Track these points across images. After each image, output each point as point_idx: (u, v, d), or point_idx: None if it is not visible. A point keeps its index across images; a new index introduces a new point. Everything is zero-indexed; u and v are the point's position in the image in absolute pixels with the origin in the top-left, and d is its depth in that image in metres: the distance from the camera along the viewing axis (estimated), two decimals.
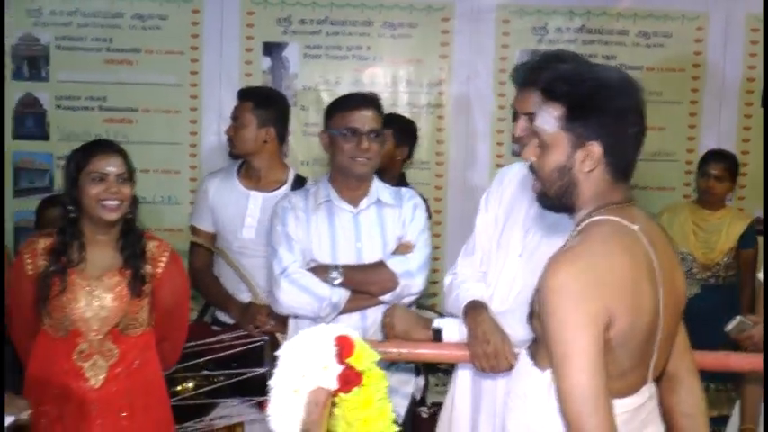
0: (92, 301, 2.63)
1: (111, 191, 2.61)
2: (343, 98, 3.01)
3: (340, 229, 2.93)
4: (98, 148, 2.69)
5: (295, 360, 1.91)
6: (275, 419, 1.91)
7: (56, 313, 2.62)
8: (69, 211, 2.65)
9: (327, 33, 4.52)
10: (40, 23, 4.50)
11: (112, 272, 2.68)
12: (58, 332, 2.64)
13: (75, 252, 2.65)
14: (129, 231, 2.72)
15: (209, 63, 4.52)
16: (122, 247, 2.71)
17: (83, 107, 4.55)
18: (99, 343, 2.64)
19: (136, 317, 2.69)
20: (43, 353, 2.67)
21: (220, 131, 4.47)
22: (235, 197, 3.43)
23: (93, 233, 2.68)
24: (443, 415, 2.69)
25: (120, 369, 2.67)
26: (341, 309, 2.83)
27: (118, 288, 2.66)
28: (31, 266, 2.65)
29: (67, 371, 2.63)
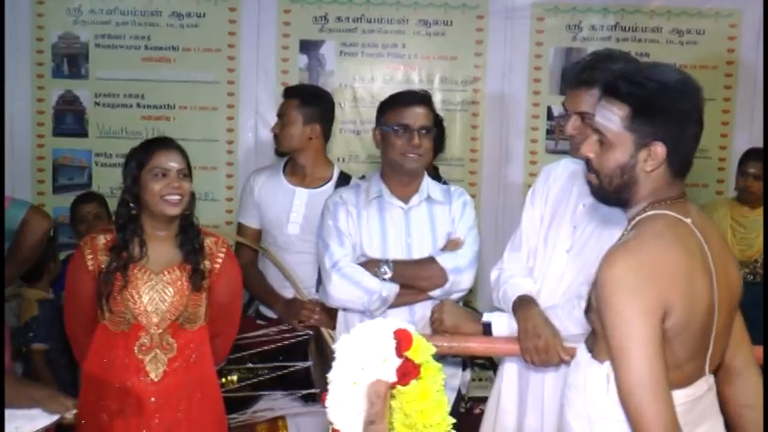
0: (153, 295, 2.68)
1: (173, 186, 2.66)
2: (396, 95, 3.06)
3: (390, 224, 2.98)
4: (159, 145, 2.74)
5: (354, 353, 1.94)
6: (334, 411, 1.94)
7: (117, 308, 2.67)
8: (130, 208, 2.70)
9: (363, 31, 4.56)
10: (79, 22, 4.57)
11: (172, 267, 2.72)
12: (119, 326, 2.69)
13: (136, 247, 2.70)
14: (188, 227, 2.77)
15: (246, 60, 4.56)
16: (182, 243, 2.76)
17: (121, 104, 4.61)
18: (159, 337, 2.69)
19: (195, 311, 2.74)
20: (103, 347, 2.72)
21: (257, 128, 4.55)
22: (281, 193, 3.47)
23: (154, 229, 2.73)
24: (489, 409, 2.72)
25: (179, 363, 2.72)
26: (390, 303, 2.87)
27: (178, 282, 2.71)
28: (92, 262, 2.70)
29: (128, 365, 2.68)
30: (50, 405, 2.32)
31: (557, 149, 4.57)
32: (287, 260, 3.39)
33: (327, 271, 2.91)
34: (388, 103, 3.02)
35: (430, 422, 1.92)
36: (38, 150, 4.61)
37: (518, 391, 2.61)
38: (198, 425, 2.76)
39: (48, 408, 2.31)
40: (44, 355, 3.95)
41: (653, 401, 1.65)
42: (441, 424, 1.91)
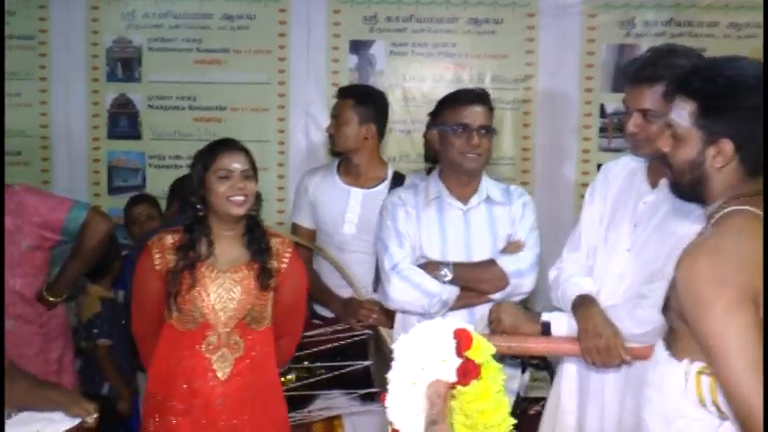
0: (221, 293, 2.71)
1: (237, 187, 2.69)
2: (454, 94, 3.04)
3: (450, 225, 2.96)
4: (223, 147, 2.77)
5: (413, 353, 1.93)
6: (393, 411, 1.93)
7: (186, 307, 2.70)
8: (197, 209, 2.73)
9: (413, 30, 4.54)
10: (133, 26, 4.62)
11: (240, 266, 2.75)
12: (187, 325, 2.72)
13: (203, 247, 2.73)
14: (254, 227, 2.80)
15: (297, 61, 4.57)
16: (248, 243, 2.79)
17: (173, 107, 4.65)
18: (227, 336, 2.71)
19: (262, 311, 2.76)
20: (170, 347, 2.75)
21: (308, 129, 4.56)
22: (335, 193, 3.48)
23: (220, 229, 2.75)
24: (548, 409, 2.70)
25: (245, 363, 2.74)
26: (450, 305, 2.86)
27: (246, 281, 2.73)
28: (160, 262, 2.73)
29: (195, 365, 2.70)
30: (72, 409, 2.35)
31: (610, 147, 4.51)
32: (343, 260, 3.39)
33: (387, 273, 2.90)
34: (447, 101, 3.00)
35: (491, 422, 1.91)
36: (93, 153, 4.67)
37: (578, 391, 2.59)
38: (261, 428, 2.77)
39: (70, 411, 2.34)
40: (108, 351, 4.00)
41: (758, 387, 1.60)
42: (501, 425, 1.90)
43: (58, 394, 2.39)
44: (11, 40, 4.60)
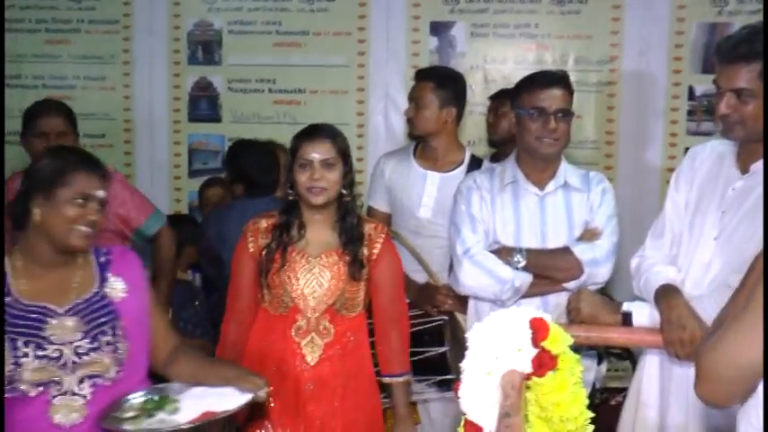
0: (310, 278, 2.71)
1: (314, 177, 2.67)
2: (532, 76, 2.96)
3: (525, 211, 2.90)
4: (305, 136, 2.76)
5: (488, 342, 1.89)
6: (467, 401, 1.90)
7: (276, 289, 2.71)
8: (289, 194, 2.75)
9: (494, 11, 4.46)
10: (213, 9, 4.66)
11: (330, 251, 2.74)
12: (278, 309, 2.73)
13: (295, 230, 2.73)
14: (347, 214, 2.77)
15: (376, 44, 4.55)
16: (341, 230, 2.77)
17: (253, 89, 4.68)
18: (316, 321, 2.70)
19: (353, 297, 2.75)
20: (262, 330, 2.77)
21: (387, 112, 4.53)
22: (412, 177, 3.45)
23: (310, 214, 2.76)
24: (629, 402, 2.62)
25: (335, 349, 2.73)
26: (523, 293, 2.80)
27: (336, 267, 2.72)
28: (253, 245, 2.75)
29: (285, 348, 2.71)
30: (243, 384, 2.32)
31: (699, 131, 4.36)
32: (418, 244, 3.36)
33: (459, 257, 2.86)
34: (524, 84, 2.92)
35: (567, 415, 1.85)
36: (174, 136, 4.75)
37: (660, 384, 2.50)
38: (351, 416, 2.76)
39: (241, 386, 2.31)
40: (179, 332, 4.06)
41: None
42: (578, 417, 1.84)
43: (228, 370, 2.40)
44: (96, 24, 4.73)
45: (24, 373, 2.16)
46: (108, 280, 2.36)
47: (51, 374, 2.19)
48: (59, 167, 2.26)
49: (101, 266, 2.38)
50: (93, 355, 2.24)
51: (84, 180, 2.26)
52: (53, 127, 3.39)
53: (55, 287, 2.28)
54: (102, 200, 2.30)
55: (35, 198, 2.25)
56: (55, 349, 2.20)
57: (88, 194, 2.26)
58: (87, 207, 2.25)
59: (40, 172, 2.28)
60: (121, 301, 2.35)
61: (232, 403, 2.24)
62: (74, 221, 2.23)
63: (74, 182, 2.24)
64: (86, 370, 2.23)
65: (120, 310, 2.33)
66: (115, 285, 2.36)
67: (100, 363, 2.25)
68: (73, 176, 2.25)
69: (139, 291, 2.40)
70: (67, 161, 2.28)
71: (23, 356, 2.16)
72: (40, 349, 2.18)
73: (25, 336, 2.19)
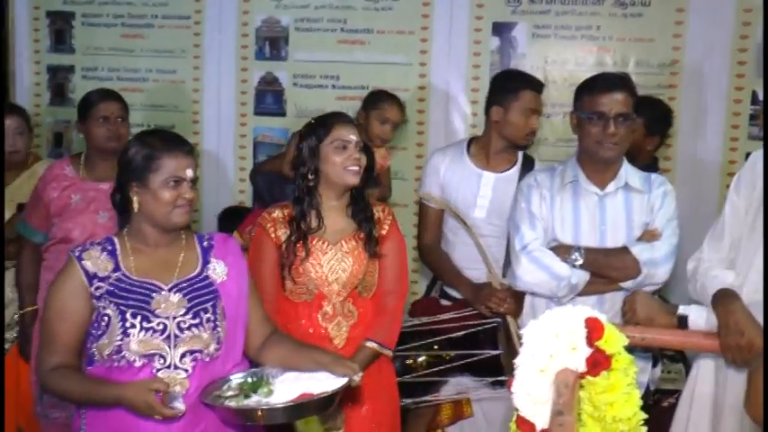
0: (334, 264, 2.77)
1: (354, 157, 2.74)
2: (592, 79, 2.95)
3: (584, 210, 2.89)
4: (338, 119, 2.83)
5: (543, 339, 1.88)
6: (519, 397, 1.89)
7: (300, 278, 2.77)
8: (308, 180, 2.77)
9: (557, 13, 4.42)
10: (281, 6, 4.71)
11: (348, 236, 2.81)
12: (302, 296, 2.79)
13: (313, 219, 2.78)
14: (359, 198, 2.85)
15: (438, 43, 4.54)
16: (354, 213, 2.84)
17: (317, 85, 4.71)
18: (341, 305, 2.78)
19: (372, 278, 2.83)
20: (287, 319, 2.81)
21: (447, 110, 4.53)
22: (467, 176, 3.44)
23: (329, 199, 2.81)
24: (682, 405, 2.60)
25: (359, 330, 2.81)
26: (579, 290, 2.78)
27: (356, 252, 2.79)
28: (274, 235, 2.80)
29: (313, 333, 2.78)
30: (338, 368, 2.35)
31: (761, 135, 4.25)
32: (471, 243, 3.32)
33: (517, 253, 2.87)
34: (585, 87, 2.91)
35: (620, 415, 1.85)
36: (240, 128, 4.81)
37: (714, 388, 2.47)
38: (376, 390, 2.82)
39: (335, 371, 2.34)
40: None
41: None
42: (632, 418, 1.83)
43: (320, 355, 2.43)
44: (169, 19, 4.82)
45: (131, 344, 2.27)
46: (210, 263, 2.46)
47: (156, 347, 2.29)
48: (148, 155, 2.34)
49: (203, 250, 2.48)
50: (194, 330, 2.33)
51: (173, 163, 2.33)
52: (113, 111, 3.47)
53: (160, 266, 2.40)
54: (192, 178, 2.37)
55: (131, 186, 2.35)
56: (159, 322, 2.30)
57: (178, 177, 2.34)
58: (180, 187, 2.34)
59: (132, 161, 2.36)
60: (222, 283, 2.44)
61: (328, 386, 2.27)
62: (170, 203, 2.33)
63: (163, 167, 2.33)
64: (188, 345, 2.32)
65: (220, 291, 2.42)
66: (217, 268, 2.46)
67: (200, 338, 2.34)
68: (162, 161, 2.33)
69: (239, 275, 2.49)
70: (155, 147, 2.35)
71: (131, 327, 2.28)
72: (146, 321, 2.29)
73: (133, 308, 2.30)
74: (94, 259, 2.35)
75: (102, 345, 2.29)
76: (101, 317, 2.29)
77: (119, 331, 2.27)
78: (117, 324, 2.27)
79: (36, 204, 3.44)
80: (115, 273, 2.34)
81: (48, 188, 3.40)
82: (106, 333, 2.28)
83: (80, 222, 3.35)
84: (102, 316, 2.29)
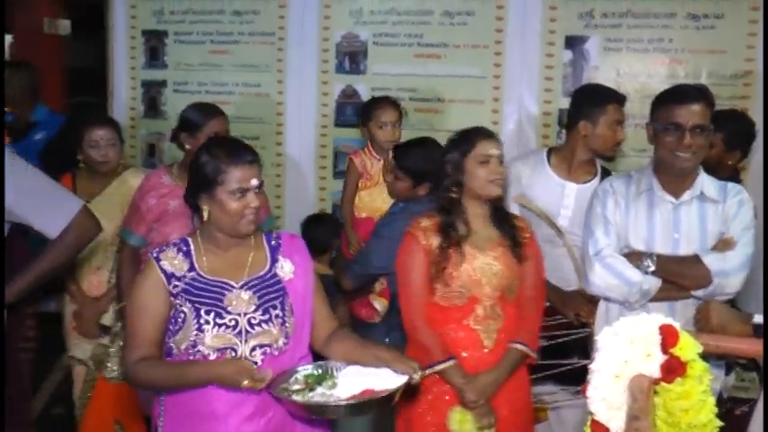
0: (485, 269, 2.82)
1: (497, 171, 2.80)
2: (669, 91, 2.94)
3: (659, 218, 2.88)
4: (481, 134, 2.90)
5: (618, 345, 1.89)
6: (594, 402, 1.91)
7: (454, 283, 2.82)
8: (453, 191, 2.85)
9: (629, 26, 4.40)
10: (360, 22, 4.79)
11: (494, 243, 2.87)
12: (453, 301, 2.84)
13: (462, 226, 2.84)
14: (499, 207, 2.92)
15: (512, 56, 4.56)
16: (498, 222, 2.90)
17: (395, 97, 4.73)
18: (491, 308, 2.82)
19: (517, 282, 2.86)
20: (436, 323, 2.87)
21: (521, 121, 4.55)
22: (550, 186, 3.46)
23: (474, 208, 2.87)
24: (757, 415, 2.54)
25: (505, 333, 2.85)
26: (650, 297, 2.77)
27: (504, 257, 2.83)
28: (425, 242, 2.86)
29: (464, 337, 2.84)
30: (399, 366, 2.38)
31: None
32: (553, 253, 3.35)
33: (590, 258, 2.88)
34: (662, 98, 2.91)
35: (694, 422, 1.85)
36: (321, 139, 4.90)
37: None
38: (514, 396, 2.88)
39: (397, 368, 2.37)
40: None
41: None
42: (707, 425, 1.83)
43: (382, 352, 2.46)
44: (254, 36, 4.96)
45: (206, 339, 2.36)
46: (278, 261, 2.54)
47: (228, 341, 2.37)
48: (214, 168, 2.39)
49: (271, 249, 2.56)
50: (264, 326, 2.41)
51: (238, 175, 2.38)
52: (218, 130, 3.53)
53: (231, 265, 2.48)
54: (257, 186, 2.43)
55: (201, 196, 2.44)
56: (231, 318, 2.39)
57: (244, 188, 2.39)
58: (246, 197, 2.40)
59: (200, 173, 2.42)
60: (290, 281, 2.51)
61: (390, 383, 2.31)
62: (238, 214, 2.40)
63: (229, 179, 2.38)
64: (258, 339, 2.40)
65: (288, 288, 2.50)
66: (284, 267, 2.53)
67: (269, 333, 2.41)
68: (227, 174, 2.38)
69: (305, 273, 2.56)
70: (220, 160, 2.40)
71: (205, 323, 2.36)
72: (220, 318, 2.38)
73: (207, 305, 2.39)
74: (171, 260, 2.43)
75: (179, 339, 2.38)
76: (177, 313, 2.39)
77: (194, 327, 2.36)
78: (192, 320, 2.36)
79: (135, 212, 3.58)
80: (190, 272, 2.43)
81: (146, 197, 3.53)
82: (182, 329, 2.37)
83: (177, 227, 3.46)
84: (179, 313, 2.38)
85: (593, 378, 1.91)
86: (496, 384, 2.81)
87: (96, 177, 3.90)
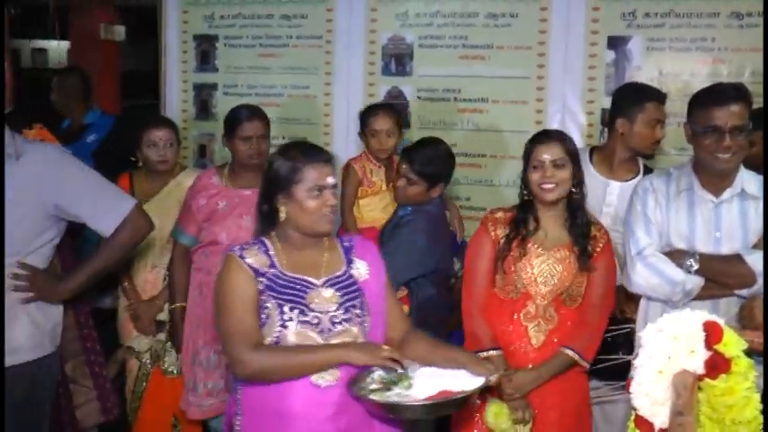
0: (544, 268, 2.85)
1: (547, 175, 2.82)
2: (705, 92, 2.91)
3: (699, 217, 2.86)
4: (538, 139, 2.93)
5: (661, 342, 1.90)
6: (638, 397, 1.92)
7: (511, 276, 2.87)
8: (524, 193, 2.91)
9: (671, 26, 4.36)
10: (406, 25, 4.82)
11: (562, 246, 2.88)
12: (509, 294, 2.89)
13: (531, 223, 2.87)
14: (577, 211, 2.90)
15: (555, 57, 4.55)
16: (571, 226, 2.90)
17: (440, 98, 4.80)
18: (543, 308, 2.85)
19: (578, 289, 2.87)
20: (490, 313, 2.91)
21: (564, 121, 4.54)
22: (593, 185, 3.43)
23: (544, 210, 2.90)
24: None
25: (557, 336, 2.86)
26: (693, 296, 2.76)
27: (567, 261, 2.85)
28: (494, 233, 2.92)
29: (513, 330, 2.88)
30: (476, 368, 2.38)
31: None
32: None
33: (632, 258, 2.87)
34: (699, 99, 2.88)
35: (739, 418, 1.85)
36: None
37: None
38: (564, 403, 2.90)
39: (474, 370, 2.37)
40: None
41: None
42: (752, 422, 1.83)
43: (460, 354, 2.47)
44: (302, 39, 5.02)
45: (289, 335, 2.36)
46: (353, 262, 2.55)
47: (310, 339, 2.37)
48: (291, 167, 2.41)
49: (345, 250, 2.57)
50: (345, 324, 2.42)
51: (315, 173, 2.40)
52: (255, 131, 3.61)
53: (309, 264, 2.48)
54: (333, 184, 2.45)
55: (278, 198, 2.44)
56: (314, 316, 2.39)
57: (321, 185, 2.40)
58: (323, 196, 2.41)
59: (277, 175, 2.44)
60: (365, 281, 2.52)
61: (467, 385, 2.31)
62: (316, 211, 2.41)
63: (306, 177, 2.40)
64: (339, 338, 2.40)
65: (363, 289, 2.51)
66: (359, 267, 2.54)
67: (349, 332, 2.42)
68: (304, 173, 2.40)
69: (378, 274, 2.57)
70: (297, 160, 2.42)
71: (289, 320, 2.37)
72: (303, 314, 2.38)
73: (290, 302, 2.39)
74: (254, 256, 2.43)
75: (263, 334, 2.37)
76: (263, 309, 2.38)
77: (278, 323, 2.36)
78: (276, 317, 2.36)
79: (186, 211, 3.65)
80: (271, 269, 2.43)
81: (197, 197, 3.60)
82: (266, 324, 2.37)
83: (226, 226, 3.53)
84: (264, 308, 2.38)
85: (636, 374, 1.91)
86: (535, 383, 2.83)
87: (154, 178, 3.98)
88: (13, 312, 2.94)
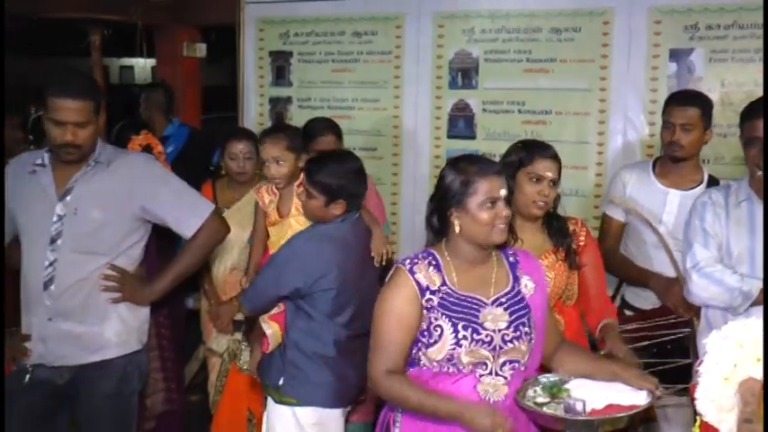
0: None
1: (543, 193, 2.75)
2: (751, 103, 2.88)
3: (758, 227, 2.77)
4: (539, 152, 2.85)
5: (727, 349, 1.85)
6: (703, 403, 1.87)
7: None
8: None
9: (734, 37, 4.25)
10: (472, 40, 4.81)
11: (546, 252, 2.83)
12: None
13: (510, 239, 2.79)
14: (552, 219, 2.87)
15: (617, 70, 4.48)
16: (550, 232, 2.85)
17: (504, 110, 4.77)
18: (549, 315, 2.78)
19: (572, 287, 2.85)
20: None
21: (626, 132, 4.47)
22: (653, 193, 3.40)
23: (523, 222, 2.84)
24: None
25: (568, 335, 2.80)
26: (753, 298, 2.68)
27: (556, 266, 2.80)
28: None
29: None
30: (639, 382, 2.33)
31: None
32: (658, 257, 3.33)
33: (688, 271, 2.81)
34: (745, 112, 2.84)
35: None
36: (434, 150, 4.94)
37: None
38: None
39: (635, 384, 2.33)
40: None
41: None
42: None
43: (617, 367, 2.42)
44: (373, 55, 5.05)
45: (462, 354, 2.30)
46: (520, 278, 2.46)
47: (483, 357, 2.31)
48: (464, 180, 2.33)
49: (511, 266, 2.49)
50: (515, 342, 2.35)
51: (487, 185, 2.32)
52: (327, 144, 3.65)
53: (479, 281, 2.40)
54: (504, 196, 2.35)
55: (451, 211, 2.36)
56: (487, 334, 2.32)
57: (494, 197, 2.33)
58: (496, 208, 2.33)
59: (450, 188, 2.36)
60: (531, 297, 2.45)
61: (631, 399, 2.24)
62: (489, 223, 2.33)
63: (479, 190, 2.32)
64: (508, 355, 2.34)
65: (530, 304, 2.44)
66: (527, 283, 2.46)
67: (519, 350, 2.36)
68: (477, 185, 2.32)
69: (542, 289, 2.50)
70: (469, 173, 2.34)
71: (463, 339, 2.30)
72: (476, 333, 2.31)
73: (464, 321, 2.32)
74: (424, 273, 2.36)
75: (433, 352, 2.31)
76: (433, 327, 2.31)
77: (451, 341, 2.29)
78: (450, 335, 2.29)
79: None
80: (443, 287, 2.36)
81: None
82: (438, 342, 2.31)
83: None
84: (435, 326, 2.31)
85: (701, 380, 1.87)
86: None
87: (234, 187, 4.05)
88: (104, 311, 3.04)
